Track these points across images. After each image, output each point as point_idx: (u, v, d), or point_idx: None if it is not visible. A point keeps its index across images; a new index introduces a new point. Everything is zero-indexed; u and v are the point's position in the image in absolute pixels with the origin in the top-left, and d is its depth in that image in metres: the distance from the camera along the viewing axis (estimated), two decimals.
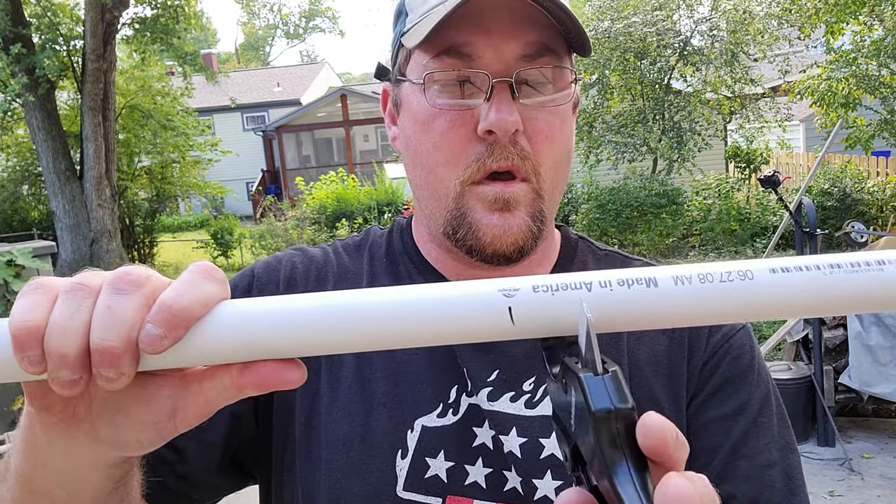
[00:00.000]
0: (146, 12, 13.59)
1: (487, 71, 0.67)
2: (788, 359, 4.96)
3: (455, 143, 0.69)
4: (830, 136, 5.12)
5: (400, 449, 0.71)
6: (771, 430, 0.74)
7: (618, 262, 0.84)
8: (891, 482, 3.80)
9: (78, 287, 0.42)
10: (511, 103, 0.67)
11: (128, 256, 13.60)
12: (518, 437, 0.71)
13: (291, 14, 51.94)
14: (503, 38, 0.67)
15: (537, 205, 0.71)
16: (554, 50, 0.69)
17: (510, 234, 0.69)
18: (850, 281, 0.42)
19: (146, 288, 0.42)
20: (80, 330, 0.40)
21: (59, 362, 0.40)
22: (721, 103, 11.36)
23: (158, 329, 0.40)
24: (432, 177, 0.71)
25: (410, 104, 0.73)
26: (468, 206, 0.70)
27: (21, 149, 15.09)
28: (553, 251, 0.82)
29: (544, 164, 0.70)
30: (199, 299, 0.42)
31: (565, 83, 0.71)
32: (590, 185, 10.95)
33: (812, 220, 4.33)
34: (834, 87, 8.57)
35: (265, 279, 0.80)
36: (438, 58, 0.69)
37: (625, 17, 10.87)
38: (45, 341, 0.40)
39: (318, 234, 12.51)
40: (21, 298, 0.42)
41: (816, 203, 10.14)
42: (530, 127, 0.69)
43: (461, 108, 0.69)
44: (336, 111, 23.06)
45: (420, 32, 0.68)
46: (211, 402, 0.45)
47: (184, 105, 15.41)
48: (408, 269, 0.81)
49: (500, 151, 0.68)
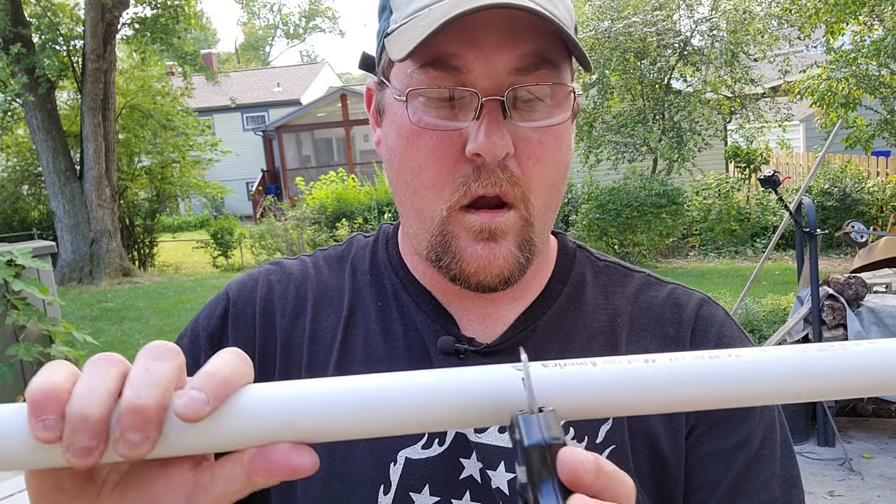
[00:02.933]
0: (146, 12, 13.60)
1: (477, 86, 0.62)
2: None
3: (441, 165, 0.64)
4: (830, 136, 5.12)
5: (382, 484, 0.68)
6: (773, 465, 0.71)
7: (617, 275, 0.79)
8: (891, 482, 3.80)
9: (106, 357, 0.42)
10: (501, 126, 0.62)
11: (128, 256, 13.61)
12: (506, 473, 0.68)
13: (291, 14, 52.00)
14: (495, 50, 0.61)
15: (525, 233, 0.66)
16: (551, 60, 0.63)
17: (495, 265, 0.65)
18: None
19: (181, 358, 0.42)
20: (108, 391, 0.39)
21: (79, 425, 0.38)
22: (721, 103, 11.37)
23: (202, 394, 0.40)
24: (417, 198, 0.67)
25: (394, 115, 0.67)
26: (453, 234, 0.66)
27: (21, 149, 15.10)
28: (548, 263, 0.78)
29: (535, 190, 0.65)
30: (238, 373, 0.42)
31: (563, 97, 0.65)
32: (590, 185, 10.95)
33: (812, 220, 4.33)
34: (834, 87, 8.57)
35: (241, 304, 0.76)
36: (424, 69, 0.63)
37: (625, 17, 10.87)
38: (68, 404, 0.39)
39: (318, 234, 12.51)
40: (42, 371, 0.41)
41: (816, 203, 10.14)
42: (522, 149, 0.64)
43: (448, 129, 0.63)
44: (336, 111, 23.07)
45: (404, 45, 0.62)
46: (220, 498, 0.43)
47: (184, 105, 15.42)
48: (393, 285, 0.77)
49: (488, 176, 0.63)
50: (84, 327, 6.12)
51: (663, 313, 0.75)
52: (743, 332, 0.76)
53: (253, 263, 13.04)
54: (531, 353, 0.71)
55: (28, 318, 3.51)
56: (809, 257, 4.39)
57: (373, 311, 0.76)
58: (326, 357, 0.73)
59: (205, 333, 0.75)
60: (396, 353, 0.73)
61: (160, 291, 11.42)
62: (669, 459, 0.70)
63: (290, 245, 12.27)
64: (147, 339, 8.20)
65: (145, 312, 9.71)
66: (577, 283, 0.77)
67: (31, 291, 3.50)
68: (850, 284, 4.39)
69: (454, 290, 0.73)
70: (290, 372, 0.73)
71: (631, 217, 10.02)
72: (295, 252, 12.06)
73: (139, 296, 11.07)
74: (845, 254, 10.05)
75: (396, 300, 0.76)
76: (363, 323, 0.75)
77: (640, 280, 0.78)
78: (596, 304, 0.76)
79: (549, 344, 0.73)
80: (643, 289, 0.77)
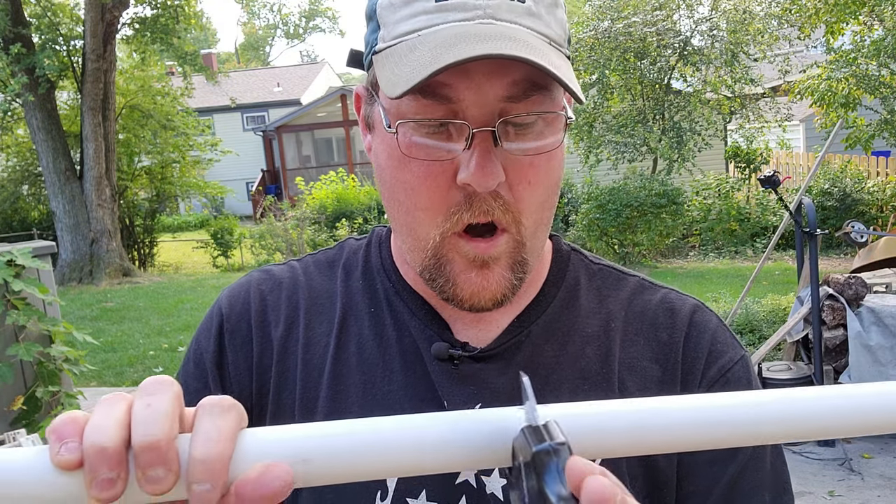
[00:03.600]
0: (146, 12, 13.60)
1: (468, 116, 0.61)
2: (788, 359, 4.96)
3: (433, 192, 0.64)
4: (830, 136, 5.12)
5: (379, 490, 0.68)
6: (764, 473, 0.71)
7: (611, 279, 0.79)
8: (891, 482, 3.80)
9: (110, 396, 0.43)
10: (492, 156, 0.61)
11: (128, 256, 13.61)
12: (500, 479, 0.68)
13: (291, 14, 52.00)
14: (485, 79, 0.60)
15: (518, 254, 0.66)
16: (543, 85, 0.62)
17: (489, 290, 0.66)
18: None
19: (175, 387, 0.43)
20: (117, 422, 0.41)
21: (97, 458, 0.39)
22: (721, 103, 11.37)
23: (206, 484, 0.40)
24: (410, 217, 0.66)
25: (384, 136, 0.66)
26: (447, 259, 0.66)
27: (21, 149, 15.10)
28: (543, 267, 0.77)
29: (526, 212, 0.65)
30: (232, 433, 0.42)
31: (554, 118, 0.64)
32: (590, 185, 10.95)
33: (812, 220, 4.33)
34: (834, 87, 8.57)
35: (235, 319, 0.76)
36: (413, 97, 0.61)
37: (625, 17, 10.87)
38: (83, 442, 0.40)
39: (318, 234, 12.52)
40: (60, 414, 0.43)
41: (816, 203, 10.14)
42: (514, 173, 0.63)
43: (440, 157, 0.63)
44: (336, 111, 23.08)
45: (396, 81, 0.60)
46: None
47: (184, 105, 15.42)
48: (385, 290, 0.77)
49: (480, 205, 0.63)
50: (84, 327, 6.12)
51: (657, 318, 0.75)
52: (736, 340, 0.76)
53: (253, 263, 13.04)
54: (526, 357, 0.72)
55: (28, 318, 3.50)
56: (809, 257, 4.39)
57: (366, 316, 0.75)
58: (321, 364, 0.73)
59: (207, 356, 0.75)
60: (390, 360, 0.73)
61: (160, 291, 11.42)
62: (661, 465, 0.70)
63: (290, 245, 12.28)
64: (147, 339, 8.20)
65: (145, 312, 9.71)
66: (571, 287, 0.77)
67: (31, 291, 3.50)
68: (850, 284, 4.40)
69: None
70: (286, 380, 0.74)
71: (631, 217, 10.02)
72: (295, 252, 12.06)
73: (139, 296, 11.08)
74: (845, 254, 10.05)
75: (389, 305, 0.75)
76: (356, 329, 0.75)
77: (633, 284, 0.78)
78: (590, 308, 0.76)
79: (544, 348, 0.73)
80: (637, 293, 0.77)
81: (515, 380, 0.70)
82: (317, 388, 0.73)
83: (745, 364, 0.74)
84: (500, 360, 0.71)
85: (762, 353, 4.63)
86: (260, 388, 0.74)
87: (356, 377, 0.72)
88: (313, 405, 0.72)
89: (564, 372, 0.72)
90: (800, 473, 3.91)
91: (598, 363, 0.72)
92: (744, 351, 0.75)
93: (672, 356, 0.73)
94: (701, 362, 0.73)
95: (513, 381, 0.70)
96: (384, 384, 0.72)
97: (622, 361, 0.73)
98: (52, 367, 3.64)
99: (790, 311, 4.96)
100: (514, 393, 0.69)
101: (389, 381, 0.72)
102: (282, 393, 0.74)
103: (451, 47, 0.58)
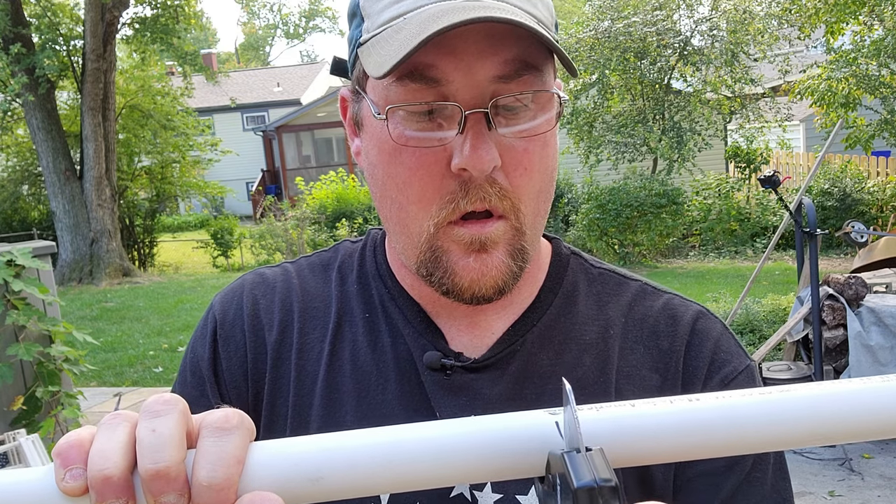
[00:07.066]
0: (146, 12, 13.59)
1: (459, 98, 0.59)
2: (788, 359, 4.96)
3: (427, 182, 0.62)
4: (830, 136, 5.12)
5: (371, 501, 0.67)
6: (764, 487, 0.68)
7: (612, 284, 0.76)
8: (891, 482, 3.80)
9: (111, 417, 0.42)
10: (487, 138, 0.59)
11: (128, 256, 13.61)
12: (493, 494, 0.66)
13: (291, 14, 52.04)
14: (475, 59, 0.58)
15: (517, 242, 0.64)
16: (534, 64, 0.60)
17: (489, 276, 0.63)
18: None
19: (181, 405, 0.42)
20: (121, 445, 0.40)
21: (103, 485, 0.39)
22: (721, 103, 11.37)
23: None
24: (403, 213, 0.65)
25: (374, 130, 0.65)
26: (443, 249, 0.64)
27: (21, 149, 15.10)
28: (540, 270, 0.75)
29: (524, 198, 0.63)
30: (241, 452, 0.41)
31: (547, 100, 0.63)
32: (590, 185, 10.96)
33: (812, 220, 4.33)
34: (834, 87, 8.57)
35: (228, 326, 0.75)
36: (401, 82, 0.59)
37: (625, 17, 10.87)
38: (87, 468, 0.39)
39: (318, 234, 12.52)
40: (67, 434, 0.42)
41: (816, 203, 10.15)
42: (509, 159, 0.61)
43: (432, 144, 0.61)
44: (336, 111, 22.69)
45: (381, 61, 0.58)
46: None
47: (184, 105, 15.41)
48: (380, 295, 0.75)
49: (476, 192, 0.61)
50: (84, 327, 6.12)
51: (658, 325, 0.73)
52: (741, 348, 0.74)
53: (253, 263, 13.04)
54: (520, 366, 0.70)
55: (28, 318, 3.50)
56: (809, 257, 4.39)
57: (360, 322, 0.74)
58: (314, 371, 0.72)
59: (204, 364, 0.74)
60: (385, 368, 0.71)
61: (160, 291, 11.42)
62: (658, 478, 0.68)
63: (290, 245, 12.28)
64: (147, 339, 8.20)
65: (145, 312, 9.71)
66: (569, 293, 0.75)
67: (31, 291, 3.50)
68: (850, 284, 4.40)
69: (442, 301, 0.71)
70: (280, 387, 0.73)
71: (631, 217, 10.02)
72: (295, 252, 12.07)
73: (139, 296, 11.07)
74: (845, 254, 10.05)
75: (384, 311, 0.74)
76: (351, 335, 0.74)
77: (635, 289, 0.76)
78: (588, 314, 0.73)
79: (539, 357, 0.71)
80: (638, 298, 0.75)
81: (509, 390, 0.69)
82: (310, 395, 0.72)
83: (751, 374, 0.71)
84: (493, 370, 0.70)
85: (762, 353, 4.63)
86: (256, 395, 0.73)
87: (350, 385, 0.71)
88: (307, 413, 0.71)
89: (560, 381, 0.71)
90: (800, 473, 3.90)
91: (595, 372, 0.70)
92: (749, 360, 0.72)
93: (672, 365, 0.71)
94: (702, 372, 0.70)
95: (507, 391, 0.69)
96: (378, 393, 0.70)
97: (620, 370, 0.70)
98: (52, 367, 3.64)
99: (790, 311, 4.96)
100: (507, 403, 0.68)
101: (384, 391, 0.70)
102: (276, 400, 0.73)
103: (437, 20, 0.56)
